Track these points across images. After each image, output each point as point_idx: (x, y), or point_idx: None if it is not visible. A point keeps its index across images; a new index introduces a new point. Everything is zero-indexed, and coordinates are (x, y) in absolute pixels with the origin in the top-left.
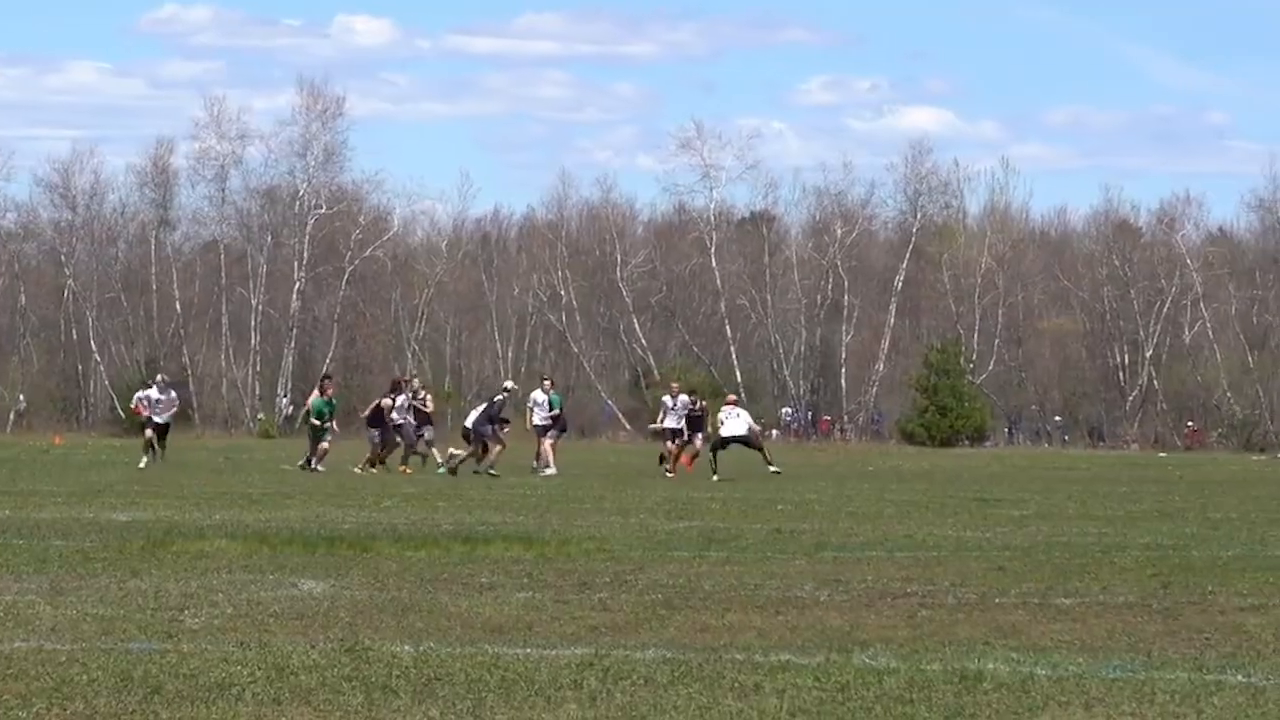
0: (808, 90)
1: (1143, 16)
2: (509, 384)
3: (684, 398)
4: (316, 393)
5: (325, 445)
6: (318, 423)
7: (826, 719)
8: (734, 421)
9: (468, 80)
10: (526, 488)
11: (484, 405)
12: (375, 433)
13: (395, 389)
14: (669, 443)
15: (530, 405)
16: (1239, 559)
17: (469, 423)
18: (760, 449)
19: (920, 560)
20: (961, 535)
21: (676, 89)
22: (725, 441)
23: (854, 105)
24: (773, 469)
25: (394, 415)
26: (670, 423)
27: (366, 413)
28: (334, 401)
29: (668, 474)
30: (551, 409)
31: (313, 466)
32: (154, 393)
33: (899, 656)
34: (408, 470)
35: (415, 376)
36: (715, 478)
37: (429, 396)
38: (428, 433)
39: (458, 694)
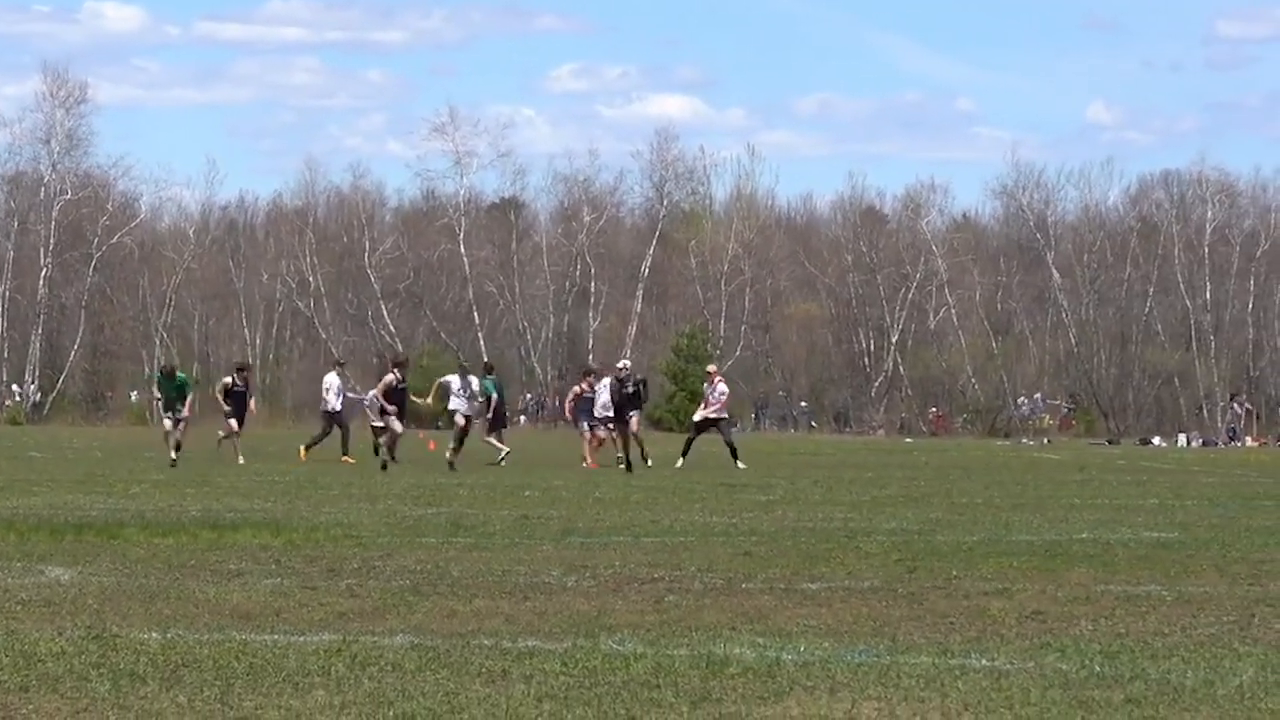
0: (558, 77)
1: (891, 4)
2: (626, 363)
3: (606, 379)
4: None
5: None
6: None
7: (574, 704)
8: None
9: (218, 67)
10: (275, 474)
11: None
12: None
13: (399, 366)
14: (603, 428)
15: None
16: (983, 544)
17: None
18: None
19: (667, 546)
20: (708, 521)
21: (427, 76)
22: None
23: (605, 93)
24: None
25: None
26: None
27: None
28: (185, 382)
29: (622, 465)
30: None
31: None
32: None
33: (646, 642)
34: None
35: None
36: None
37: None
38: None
39: (206, 680)
